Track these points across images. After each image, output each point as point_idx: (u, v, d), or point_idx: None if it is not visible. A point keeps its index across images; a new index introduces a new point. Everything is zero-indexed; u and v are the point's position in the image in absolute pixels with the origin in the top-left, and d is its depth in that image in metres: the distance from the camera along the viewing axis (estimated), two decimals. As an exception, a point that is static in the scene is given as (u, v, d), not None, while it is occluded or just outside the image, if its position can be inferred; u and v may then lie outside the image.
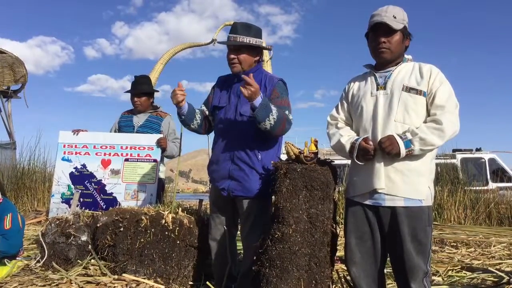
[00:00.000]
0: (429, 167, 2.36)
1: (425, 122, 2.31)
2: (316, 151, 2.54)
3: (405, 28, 2.40)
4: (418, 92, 2.31)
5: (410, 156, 2.28)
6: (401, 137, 2.26)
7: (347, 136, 2.46)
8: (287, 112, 2.88)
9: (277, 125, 2.74)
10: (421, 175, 2.32)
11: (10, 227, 3.62)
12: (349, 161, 2.54)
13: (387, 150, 2.27)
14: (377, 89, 2.42)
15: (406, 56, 2.48)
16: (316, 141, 2.55)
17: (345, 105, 2.61)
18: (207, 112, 3.17)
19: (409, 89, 2.32)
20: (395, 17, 2.36)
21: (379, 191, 2.33)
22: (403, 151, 2.24)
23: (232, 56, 2.94)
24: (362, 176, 2.42)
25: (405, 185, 2.30)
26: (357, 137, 2.42)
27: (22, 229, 3.89)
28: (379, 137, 2.33)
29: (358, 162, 2.38)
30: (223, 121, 3.00)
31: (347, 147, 2.42)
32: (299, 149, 2.54)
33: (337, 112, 2.63)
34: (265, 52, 3.96)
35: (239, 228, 3.18)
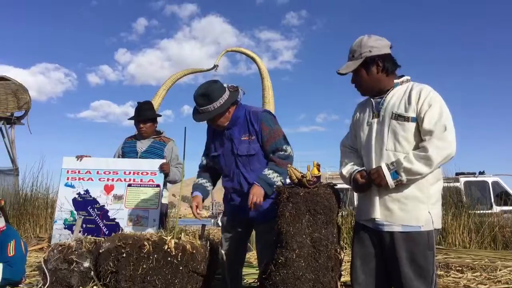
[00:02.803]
0: (428, 193, 2.30)
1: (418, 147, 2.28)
2: (319, 175, 2.54)
3: (368, 59, 2.37)
4: (406, 119, 2.28)
5: (405, 184, 2.27)
6: (389, 168, 2.26)
7: (349, 166, 2.50)
8: (284, 147, 3.07)
9: (285, 176, 2.93)
10: (419, 201, 2.29)
11: (13, 254, 3.60)
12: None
13: (376, 183, 2.30)
14: (372, 117, 2.43)
15: (396, 80, 2.42)
16: (319, 165, 2.56)
17: (352, 131, 2.63)
18: (210, 163, 3.35)
19: (397, 117, 2.31)
20: (353, 56, 2.41)
21: (376, 220, 2.35)
22: (390, 183, 2.25)
23: (213, 124, 3.15)
24: (364, 204, 2.46)
25: (403, 212, 2.29)
26: (356, 168, 2.44)
27: (25, 255, 3.87)
28: (374, 166, 2.35)
29: (355, 192, 2.47)
30: (225, 165, 3.21)
31: (347, 177, 2.48)
32: (302, 173, 2.54)
33: (347, 139, 2.67)
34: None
35: (255, 247, 3.34)
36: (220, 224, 3.41)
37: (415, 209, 2.28)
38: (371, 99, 2.47)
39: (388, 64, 2.40)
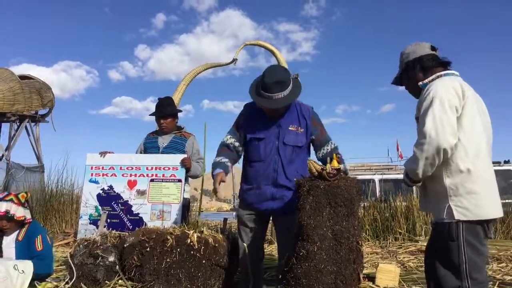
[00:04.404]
0: (445, 186, 2.32)
1: None
2: (339, 167, 2.54)
3: (407, 64, 2.55)
4: (417, 119, 2.40)
5: (429, 178, 2.34)
6: None
7: None
8: (332, 142, 3.19)
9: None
10: (439, 194, 2.33)
11: (42, 248, 3.69)
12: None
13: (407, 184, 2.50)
14: None
15: (420, 83, 2.49)
16: (339, 157, 2.56)
17: None
18: (236, 144, 3.27)
19: (415, 118, 2.45)
20: (399, 67, 2.61)
21: (421, 210, 2.50)
22: (406, 181, 2.44)
23: (275, 111, 3.09)
24: None
25: (431, 204, 2.40)
26: None
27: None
28: None
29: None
30: (263, 150, 3.14)
31: None
32: (322, 165, 2.55)
33: None
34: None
35: (277, 242, 3.35)
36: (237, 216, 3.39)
37: (438, 202, 2.34)
38: None
39: (425, 63, 2.50)
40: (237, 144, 3.26)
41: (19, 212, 3.65)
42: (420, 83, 2.48)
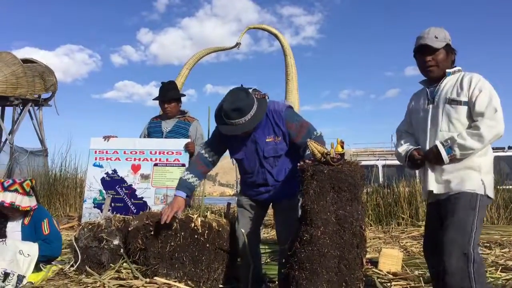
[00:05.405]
0: (479, 163, 2.51)
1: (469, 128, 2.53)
2: (343, 152, 2.53)
3: (448, 45, 2.65)
4: (458, 102, 2.53)
5: (458, 158, 2.50)
6: (443, 145, 2.52)
7: (405, 146, 2.77)
8: (315, 132, 3.04)
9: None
10: (472, 170, 2.51)
11: (49, 232, 3.71)
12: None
13: (432, 160, 2.56)
14: (428, 104, 2.69)
15: (448, 70, 2.65)
16: (343, 142, 2.55)
17: (408, 118, 2.91)
18: (210, 159, 3.25)
19: (450, 101, 2.56)
20: (436, 37, 2.64)
21: (435, 192, 2.58)
22: (445, 157, 2.50)
23: (249, 132, 3.01)
24: (423, 182, 2.74)
25: (457, 180, 2.51)
26: (412, 147, 2.71)
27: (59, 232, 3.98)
28: (428, 147, 2.61)
29: (409, 169, 2.71)
30: (248, 166, 3.15)
31: (403, 155, 2.74)
32: (326, 148, 2.53)
33: (403, 125, 2.95)
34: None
35: (275, 226, 3.37)
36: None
37: (468, 177, 2.50)
38: (426, 89, 2.72)
39: (455, 57, 2.73)
40: (211, 159, 3.24)
41: (24, 202, 3.65)
42: (449, 70, 2.65)
